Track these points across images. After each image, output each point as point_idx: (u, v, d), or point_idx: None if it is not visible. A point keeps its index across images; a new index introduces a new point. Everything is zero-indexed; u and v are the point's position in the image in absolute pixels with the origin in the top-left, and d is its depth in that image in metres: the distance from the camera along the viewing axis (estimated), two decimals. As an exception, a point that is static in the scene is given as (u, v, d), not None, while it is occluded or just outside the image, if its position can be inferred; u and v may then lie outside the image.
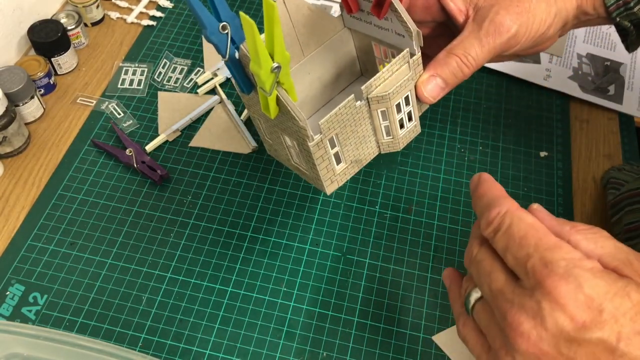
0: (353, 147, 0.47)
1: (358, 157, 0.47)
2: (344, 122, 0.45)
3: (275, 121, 0.46)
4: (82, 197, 0.61)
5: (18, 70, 0.65)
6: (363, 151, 0.48)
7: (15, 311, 0.54)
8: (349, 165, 0.47)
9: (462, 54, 0.46)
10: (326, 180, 0.46)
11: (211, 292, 0.56)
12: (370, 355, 0.53)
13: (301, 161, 0.48)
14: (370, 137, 0.47)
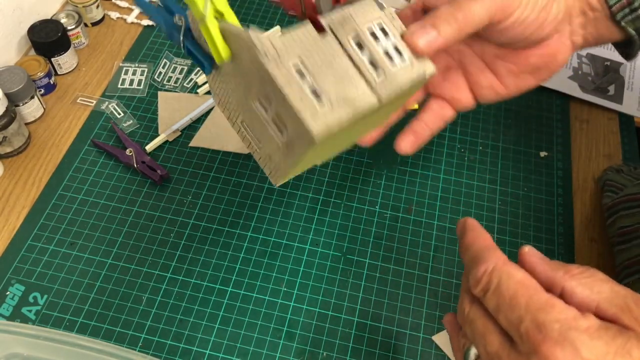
0: (332, 80, 0.36)
1: (345, 94, 0.36)
2: (307, 47, 0.36)
3: (242, 86, 0.38)
4: (82, 197, 0.61)
5: (18, 70, 0.65)
6: (350, 89, 0.36)
7: (16, 311, 0.54)
8: (333, 101, 0.35)
9: (454, 3, 0.40)
10: (304, 112, 0.34)
11: (211, 292, 0.56)
12: (370, 355, 0.53)
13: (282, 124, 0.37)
14: (353, 73, 0.37)
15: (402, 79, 0.38)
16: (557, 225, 0.62)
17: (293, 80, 0.35)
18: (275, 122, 0.38)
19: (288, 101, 0.34)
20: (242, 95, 0.40)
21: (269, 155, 0.42)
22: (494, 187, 0.65)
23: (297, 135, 0.36)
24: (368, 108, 0.37)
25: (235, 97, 0.41)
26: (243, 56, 0.36)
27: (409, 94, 0.42)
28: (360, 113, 0.36)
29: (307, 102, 0.34)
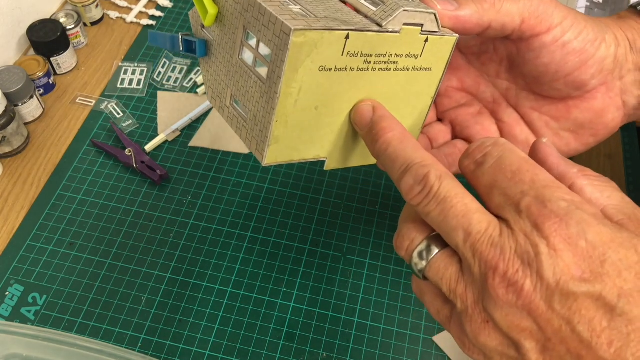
0: (324, 11, 0.32)
1: (337, 16, 0.32)
2: None
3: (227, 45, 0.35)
4: (82, 197, 0.61)
5: (17, 70, 0.64)
6: (344, 17, 0.32)
7: (15, 311, 0.54)
8: (321, 19, 0.31)
9: None
10: (282, 15, 0.30)
11: (211, 293, 0.56)
12: (370, 356, 0.53)
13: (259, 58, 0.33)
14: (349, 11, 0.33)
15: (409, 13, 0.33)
16: (558, 225, 0.62)
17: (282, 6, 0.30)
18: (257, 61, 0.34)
19: (265, 10, 0.30)
20: (229, 59, 0.35)
21: (255, 118, 0.35)
22: (495, 187, 0.65)
23: (277, 49, 0.30)
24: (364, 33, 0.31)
25: (224, 68, 0.36)
26: (232, 12, 0.33)
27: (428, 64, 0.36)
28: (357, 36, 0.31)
29: (287, 11, 0.30)
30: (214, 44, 0.37)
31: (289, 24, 0.29)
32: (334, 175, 0.64)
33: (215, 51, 0.37)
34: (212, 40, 0.37)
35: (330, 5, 0.33)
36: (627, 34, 0.40)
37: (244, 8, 0.32)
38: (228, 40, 0.35)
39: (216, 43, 0.37)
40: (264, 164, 0.34)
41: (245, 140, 0.37)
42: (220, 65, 0.37)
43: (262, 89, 0.33)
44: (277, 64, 0.31)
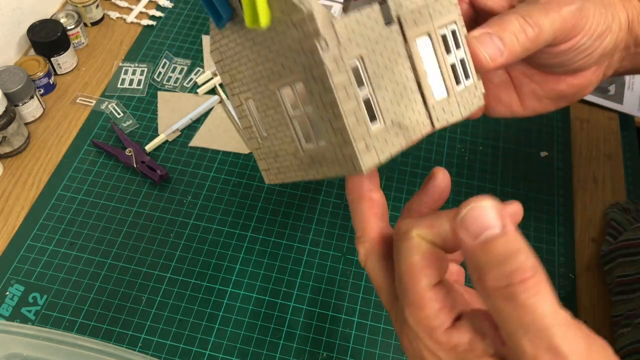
0: (391, 96, 0.31)
1: (401, 119, 0.31)
2: (370, 42, 0.30)
3: (267, 63, 0.32)
4: (82, 197, 0.61)
5: (18, 70, 0.65)
6: (407, 112, 0.31)
7: (15, 311, 0.54)
8: (389, 129, 0.31)
9: (524, 14, 0.36)
10: (358, 140, 0.29)
11: (211, 293, 0.56)
12: (370, 355, 0.53)
13: (315, 134, 0.32)
14: (413, 91, 0.32)
15: (463, 102, 0.33)
16: (558, 225, 0.62)
17: (351, 91, 0.29)
18: (302, 125, 0.32)
19: (342, 121, 0.29)
20: (262, 72, 0.33)
21: (274, 153, 0.36)
22: (495, 187, 0.65)
23: (334, 159, 0.31)
24: (419, 138, 0.32)
25: (251, 70, 0.34)
26: (286, 30, 0.30)
27: None
28: (411, 144, 0.32)
29: (362, 127, 0.29)
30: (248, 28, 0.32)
31: (363, 165, 0.29)
32: (334, 175, 0.64)
33: (243, 33, 0.33)
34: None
35: (397, 75, 0.31)
36: (629, 13, 0.41)
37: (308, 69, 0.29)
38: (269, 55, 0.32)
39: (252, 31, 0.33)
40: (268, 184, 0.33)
41: (250, 144, 0.37)
42: (244, 58, 0.34)
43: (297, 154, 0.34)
44: (328, 167, 0.32)
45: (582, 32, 0.38)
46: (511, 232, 0.26)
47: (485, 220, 0.27)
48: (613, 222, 0.61)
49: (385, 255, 0.34)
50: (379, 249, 0.34)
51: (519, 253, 0.26)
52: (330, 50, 0.28)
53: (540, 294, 0.26)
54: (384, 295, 0.34)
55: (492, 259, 0.26)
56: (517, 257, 0.26)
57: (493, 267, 0.26)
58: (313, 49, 0.28)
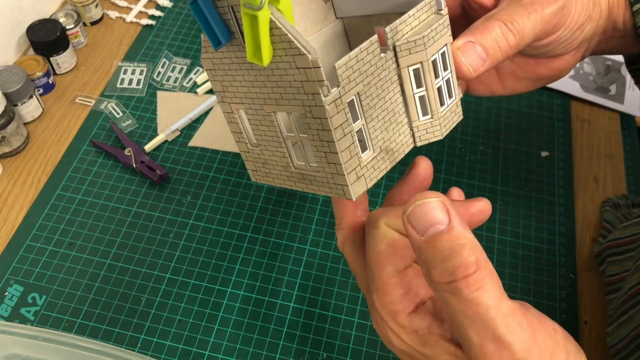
0: (381, 124, 0.33)
1: (388, 144, 0.33)
2: (367, 76, 0.31)
3: (264, 88, 0.33)
4: (81, 197, 0.61)
5: (17, 70, 0.64)
6: (394, 136, 0.34)
7: (14, 312, 0.54)
8: (377, 156, 0.33)
9: (506, 19, 0.36)
10: (350, 173, 0.31)
11: (210, 293, 0.56)
12: (370, 356, 0.53)
13: (307, 155, 0.34)
14: (401, 114, 0.34)
15: (444, 123, 0.35)
16: (558, 225, 0.62)
17: (348, 129, 0.31)
18: (296, 147, 0.34)
19: (337, 157, 0.31)
20: (258, 94, 0.34)
21: (264, 160, 0.37)
22: (495, 187, 0.65)
23: (325, 182, 0.33)
24: (404, 153, 0.34)
25: (246, 88, 0.35)
26: (288, 68, 0.30)
27: None
28: (398, 159, 0.34)
29: (354, 160, 0.31)
30: None
31: (353, 193, 0.32)
32: (334, 175, 0.64)
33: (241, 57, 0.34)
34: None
35: (387, 103, 0.33)
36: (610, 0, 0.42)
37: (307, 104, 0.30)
38: (267, 83, 0.33)
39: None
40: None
41: (239, 146, 0.38)
42: (241, 78, 0.35)
43: (287, 168, 0.35)
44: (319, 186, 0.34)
45: (563, 27, 0.39)
46: (456, 228, 0.27)
47: (431, 216, 0.27)
48: (605, 223, 0.61)
49: (360, 242, 0.36)
50: (355, 236, 0.36)
51: (463, 249, 0.27)
52: (331, 95, 0.29)
53: (483, 288, 0.27)
54: (359, 279, 0.36)
55: (437, 255, 0.27)
56: (460, 253, 0.27)
57: (438, 263, 0.27)
58: (315, 92, 0.29)
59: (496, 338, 0.27)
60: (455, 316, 0.28)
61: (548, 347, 0.28)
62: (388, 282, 0.32)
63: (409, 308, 0.32)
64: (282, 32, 0.29)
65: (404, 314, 0.32)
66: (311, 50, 0.29)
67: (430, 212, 0.27)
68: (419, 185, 0.37)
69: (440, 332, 0.31)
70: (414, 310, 0.32)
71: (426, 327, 0.31)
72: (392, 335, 0.33)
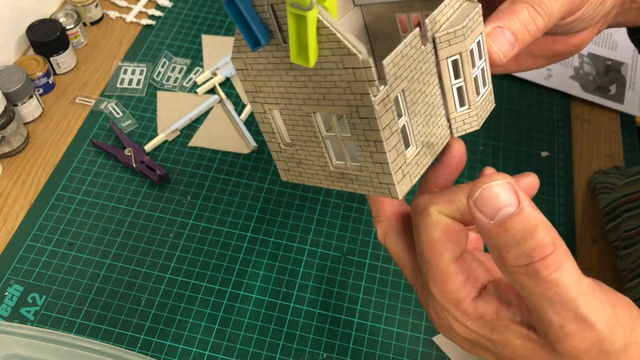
0: (422, 119, 0.32)
1: (429, 139, 0.33)
2: (410, 71, 0.31)
3: (304, 89, 0.32)
4: (81, 197, 0.61)
5: (17, 70, 0.64)
6: (433, 130, 0.33)
7: (14, 312, 0.54)
8: (420, 151, 0.33)
9: (533, 1, 0.36)
10: (397, 172, 0.31)
11: (210, 293, 0.56)
12: (370, 356, 0.53)
13: (348, 155, 0.33)
14: (439, 106, 0.33)
15: (481, 113, 0.35)
16: (558, 225, 0.62)
17: (394, 128, 0.30)
18: (335, 146, 0.33)
19: (384, 157, 0.30)
20: (297, 95, 0.33)
21: (298, 159, 0.36)
22: (495, 187, 0.65)
23: (368, 182, 0.32)
24: (442, 146, 0.34)
25: (283, 89, 0.33)
26: (334, 68, 0.30)
27: None
28: (437, 153, 0.34)
29: (400, 158, 0.31)
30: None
31: (399, 192, 0.31)
32: (334, 175, 0.64)
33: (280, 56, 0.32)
34: None
35: (428, 97, 0.32)
36: None
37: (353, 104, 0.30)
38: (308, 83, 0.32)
39: None
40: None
41: (271, 146, 0.37)
42: (278, 77, 0.33)
43: (325, 168, 0.34)
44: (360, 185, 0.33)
45: (587, 4, 0.38)
46: (527, 209, 0.26)
47: (499, 199, 0.26)
48: (600, 184, 0.62)
49: (403, 232, 0.35)
50: (397, 227, 0.35)
51: (537, 230, 0.26)
52: (380, 94, 0.29)
53: (561, 268, 0.26)
54: (407, 271, 0.35)
55: (510, 238, 0.26)
56: (535, 234, 0.26)
57: (512, 247, 0.26)
58: (364, 92, 0.29)
59: (578, 317, 0.27)
60: (533, 298, 0.27)
61: (628, 322, 0.28)
62: (447, 270, 0.31)
63: (472, 294, 0.31)
64: (330, 31, 0.28)
65: (468, 301, 0.31)
66: (362, 50, 0.28)
67: (498, 195, 0.26)
68: (455, 168, 0.36)
69: (510, 316, 0.30)
70: (478, 296, 0.31)
71: (493, 312, 0.30)
72: (456, 324, 0.32)
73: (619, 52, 0.77)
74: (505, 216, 0.26)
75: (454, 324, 0.32)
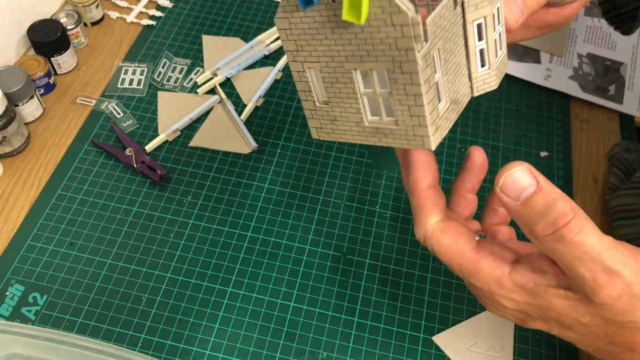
0: (451, 77, 0.35)
1: (455, 96, 0.36)
2: (445, 32, 0.33)
3: (348, 46, 0.33)
4: (82, 197, 0.61)
5: (18, 70, 0.65)
6: (459, 87, 0.36)
7: (15, 311, 0.54)
8: (448, 107, 0.35)
9: None
10: (431, 123, 0.33)
11: (211, 293, 0.56)
12: (370, 355, 0.53)
13: (385, 109, 0.35)
14: (464, 66, 0.36)
15: (498, 73, 0.37)
16: (558, 225, 0.62)
17: (432, 82, 0.33)
18: (372, 101, 0.35)
19: (422, 110, 0.33)
20: (340, 52, 0.34)
21: (333, 117, 0.38)
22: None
23: (403, 135, 0.35)
24: (465, 103, 0.37)
25: (326, 47, 0.35)
26: (382, 25, 0.31)
27: None
28: (461, 109, 0.37)
29: (435, 112, 0.34)
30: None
31: (432, 144, 0.34)
32: (333, 175, 0.64)
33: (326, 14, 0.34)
34: None
35: (456, 57, 0.35)
36: None
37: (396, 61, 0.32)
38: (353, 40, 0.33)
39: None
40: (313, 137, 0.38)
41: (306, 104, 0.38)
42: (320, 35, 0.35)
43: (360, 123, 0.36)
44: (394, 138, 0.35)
45: None
46: (545, 186, 0.32)
47: (521, 182, 0.33)
48: (619, 159, 0.64)
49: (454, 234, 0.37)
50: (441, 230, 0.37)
51: (557, 202, 0.31)
52: (423, 50, 0.31)
53: (584, 230, 0.31)
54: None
55: (535, 213, 0.31)
56: (555, 206, 0.31)
57: (539, 220, 0.31)
58: (409, 49, 0.31)
59: (606, 269, 0.30)
60: (564, 261, 0.31)
61: None
62: (474, 260, 0.35)
63: (506, 269, 0.35)
64: None
65: (506, 276, 0.35)
66: (411, 8, 0.30)
67: (519, 179, 0.33)
68: (479, 172, 0.41)
69: (546, 282, 0.34)
70: (513, 269, 0.35)
71: (530, 281, 0.34)
72: (505, 301, 0.35)
73: (618, 53, 0.77)
74: (528, 196, 0.32)
75: (504, 301, 0.35)
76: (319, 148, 0.66)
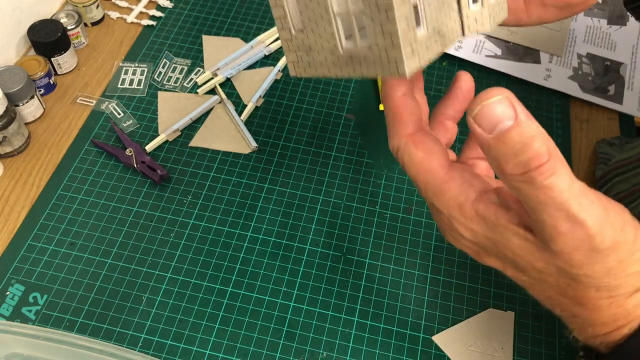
0: (434, 2, 0.32)
1: (440, 27, 0.33)
2: None
3: None
4: (82, 197, 0.61)
5: (18, 70, 0.65)
6: (445, 20, 0.33)
7: (15, 311, 0.54)
8: (430, 36, 0.33)
9: None
10: (406, 47, 0.30)
11: (211, 292, 0.56)
12: (370, 355, 0.53)
13: (359, 33, 0.33)
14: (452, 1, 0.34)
15: (493, 14, 0.35)
16: (557, 225, 0.62)
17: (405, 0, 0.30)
18: (346, 24, 0.33)
19: (394, 25, 0.30)
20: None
21: (308, 46, 0.36)
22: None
23: (377, 60, 0.32)
24: (455, 41, 0.34)
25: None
26: None
27: None
28: (445, 50, 0.34)
29: (410, 32, 0.31)
30: None
31: (406, 69, 0.31)
32: (333, 175, 0.64)
33: None
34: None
35: None
36: None
37: None
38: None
39: None
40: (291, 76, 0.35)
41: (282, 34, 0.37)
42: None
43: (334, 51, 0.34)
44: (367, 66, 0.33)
45: None
46: (524, 121, 0.28)
47: (497, 113, 0.28)
48: (602, 154, 0.63)
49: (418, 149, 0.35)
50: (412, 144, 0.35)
51: (534, 140, 0.28)
52: None
53: (556, 173, 0.28)
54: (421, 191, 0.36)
55: (508, 149, 0.28)
56: (531, 145, 0.28)
57: (511, 158, 0.28)
58: None
59: (570, 217, 0.28)
60: (529, 203, 0.29)
61: (619, 223, 0.30)
62: (441, 181, 0.33)
63: (471, 196, 0.33)
64: None
65: (469, 204, 0.33)
66: None
67: (495, 109, 0.28)
68: (463, 98, 0.38)
69: (508, 217, 0.32)
70: (478, 198, 0.33)
71: (493, 214, 0.32)
72: (462, 229, 0.33)
73: (617, 53, 0.77)
74: (503, 129, 0.28)
75: (461, 229, 0.34)
76: (319, 148, 0.66)
